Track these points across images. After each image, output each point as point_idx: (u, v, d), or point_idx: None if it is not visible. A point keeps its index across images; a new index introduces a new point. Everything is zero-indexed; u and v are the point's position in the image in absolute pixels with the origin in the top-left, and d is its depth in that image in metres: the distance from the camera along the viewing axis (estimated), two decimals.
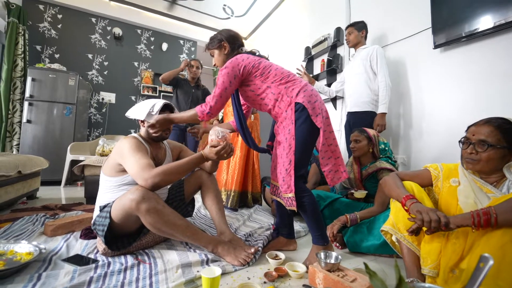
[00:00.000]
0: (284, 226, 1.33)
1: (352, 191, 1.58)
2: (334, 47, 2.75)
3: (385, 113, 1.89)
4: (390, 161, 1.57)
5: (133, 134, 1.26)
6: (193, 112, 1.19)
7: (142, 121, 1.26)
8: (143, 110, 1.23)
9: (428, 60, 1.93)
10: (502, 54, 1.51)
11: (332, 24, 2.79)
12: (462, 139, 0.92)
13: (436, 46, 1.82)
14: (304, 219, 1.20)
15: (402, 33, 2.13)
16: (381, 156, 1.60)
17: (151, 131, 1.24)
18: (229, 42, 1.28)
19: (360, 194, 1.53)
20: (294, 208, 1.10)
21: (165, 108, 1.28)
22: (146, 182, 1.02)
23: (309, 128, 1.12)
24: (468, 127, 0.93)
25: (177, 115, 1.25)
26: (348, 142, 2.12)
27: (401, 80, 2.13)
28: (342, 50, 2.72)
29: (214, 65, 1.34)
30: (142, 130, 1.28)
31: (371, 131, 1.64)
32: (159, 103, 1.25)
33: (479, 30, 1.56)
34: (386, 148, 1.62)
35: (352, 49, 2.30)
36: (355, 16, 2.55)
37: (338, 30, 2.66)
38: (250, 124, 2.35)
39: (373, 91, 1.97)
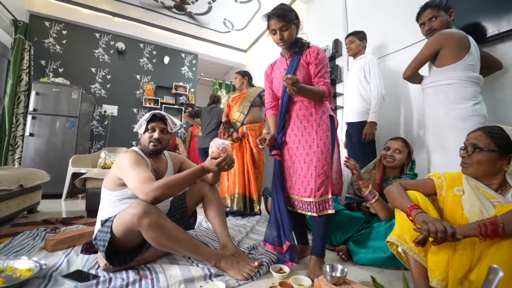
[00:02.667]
0: (301, 234, 1.38)
1: (368, 204, 1.44)
2: (332, 58, 2.80)
3: (374, 122, 1.89)
4: (415, 179, 1.45)
5: (133, 148, 1.26)
6: (321, 90, 1.17)
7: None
8: (139, 122, 1.28)
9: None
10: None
11: (330, 36, 2.85)
12: (462, 146, 0.95)
13: None
14: (312, 228, 1.20)
15: (400, 43, 2.17)
16: (407, 172, 1.50)
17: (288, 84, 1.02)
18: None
19: None
20: (333, 211, 1.12)
21: (154, 118, 1.27)
22: (147, 195, 1.01)
23: (333, 140, 1.23)
24: (467, 135, 0.95)
25: (307, 86, 1.13)
26: (350, 151, 2.12)
27: (401, 90, 2.15)
28: (340, 61, 2.76)
29: (281, 38, 1.18)
30: (141, 143, 1.30)
31: (410, 145, 1.54)
32: (149, 113, 1.27)
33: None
34: (413, 167, 1.53)
35: (351, 60, 2.33)
36: (352, 28, 2.61)
37: (336, 42, 2.71)
38: (254, 127, 2.38)
39: (367, 101, 1.98)
